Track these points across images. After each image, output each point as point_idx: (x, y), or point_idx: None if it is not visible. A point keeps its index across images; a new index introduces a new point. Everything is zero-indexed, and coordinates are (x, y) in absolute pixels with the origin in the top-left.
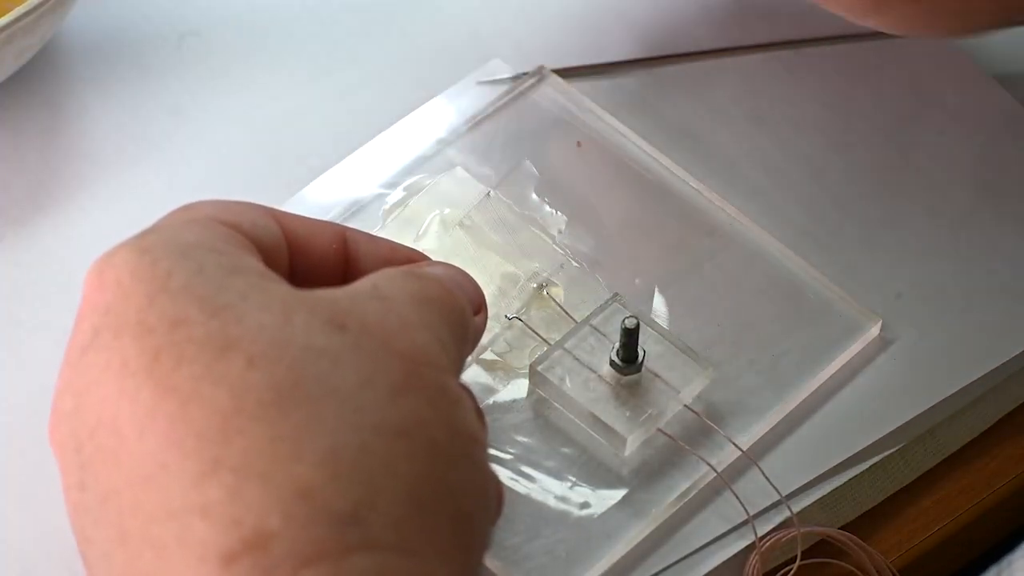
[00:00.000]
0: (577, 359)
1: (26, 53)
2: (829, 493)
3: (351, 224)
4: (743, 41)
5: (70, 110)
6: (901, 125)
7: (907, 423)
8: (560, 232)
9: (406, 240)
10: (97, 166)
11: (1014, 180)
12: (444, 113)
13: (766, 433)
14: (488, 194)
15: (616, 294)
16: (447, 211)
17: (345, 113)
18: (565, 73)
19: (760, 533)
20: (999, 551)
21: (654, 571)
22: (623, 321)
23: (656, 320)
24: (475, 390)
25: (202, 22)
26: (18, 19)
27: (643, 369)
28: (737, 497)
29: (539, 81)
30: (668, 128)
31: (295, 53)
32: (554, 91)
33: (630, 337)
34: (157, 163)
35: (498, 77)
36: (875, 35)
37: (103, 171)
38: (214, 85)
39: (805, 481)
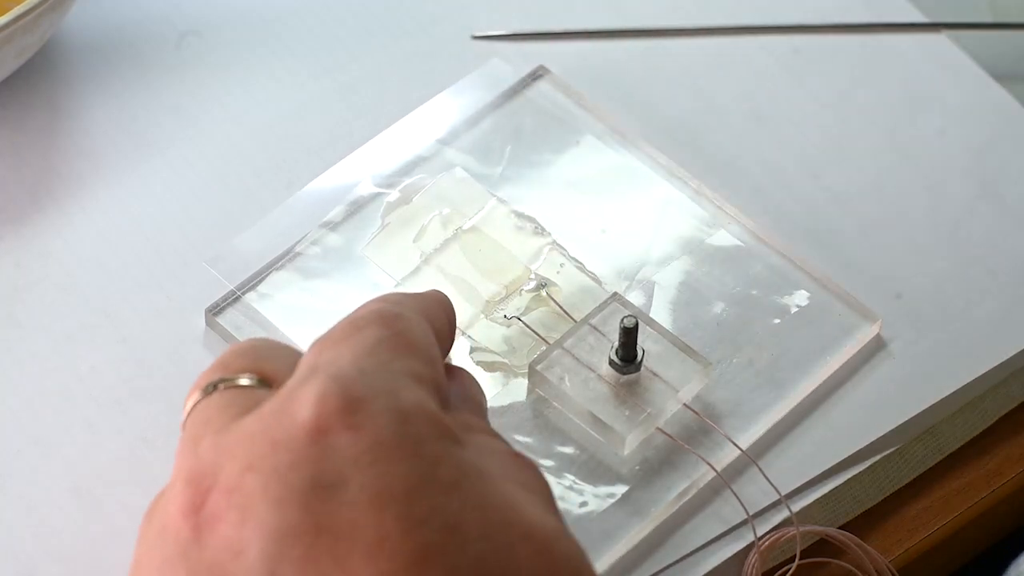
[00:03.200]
0: (576, 358)
1: (26, 52)
2: (829, 492)
3: (350, 223)
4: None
5: (70, 109)
6: (901, 125)
7: (906, 423)
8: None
9: (406, 240)
10: (97, 166)
11: (1013, 180)
12: (443, 112)
13: (765, 432)
14: (492, 199)
15: (615, 293)
16: (447, 211)
17: (345, 112)
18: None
19: (760, 532)
20: (999, 551)
21: (654, 570)
22: (622, 320)
23: (655, 319)
24: None
25: (202, 22)
26: (18, 18)
27: (642, 368)
28: (737, 496)
29: (538, 80)
30: (668, 128)
31: (295, 53)
32: (553, 90)
33: (629, 336)
34: (157, 163)
35: (494, 33)
36: (873, 28)
37: (103, 171)
38: (214, 85)
39: (805, 480)
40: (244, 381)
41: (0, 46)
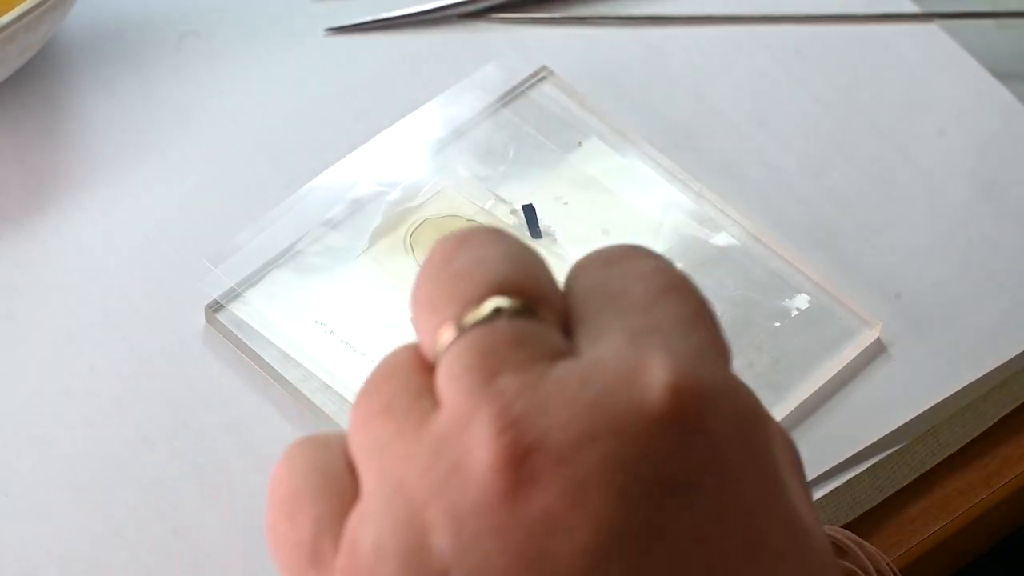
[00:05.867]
0: None
1: (28, 51)
2: (829, 493)
3: (351, 221)
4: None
5: (70, 109)
6: (901, 125)
7: (907, 423)
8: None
9: (402, 247)
10: (97, 166)
11: (1014, 179)
12: (444, 113)
13: None
14: (491, 198)
15: None
16: (443, 215)
17: (346, 113)
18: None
19: None
20: (999, 552)
21: None
22: None
23: None
24: None
25: (202, 22)
26: (22, 16)
27: None
28: None
29: (540, 80)
30: (668, 128)
31: (295, 52)
32: (556, 90)
33: None
34: (157, 163)
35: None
36: (868, 19)
37: (103, 171)
38: (214, 85)
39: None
40: (520, 308)
41: (3, 45)
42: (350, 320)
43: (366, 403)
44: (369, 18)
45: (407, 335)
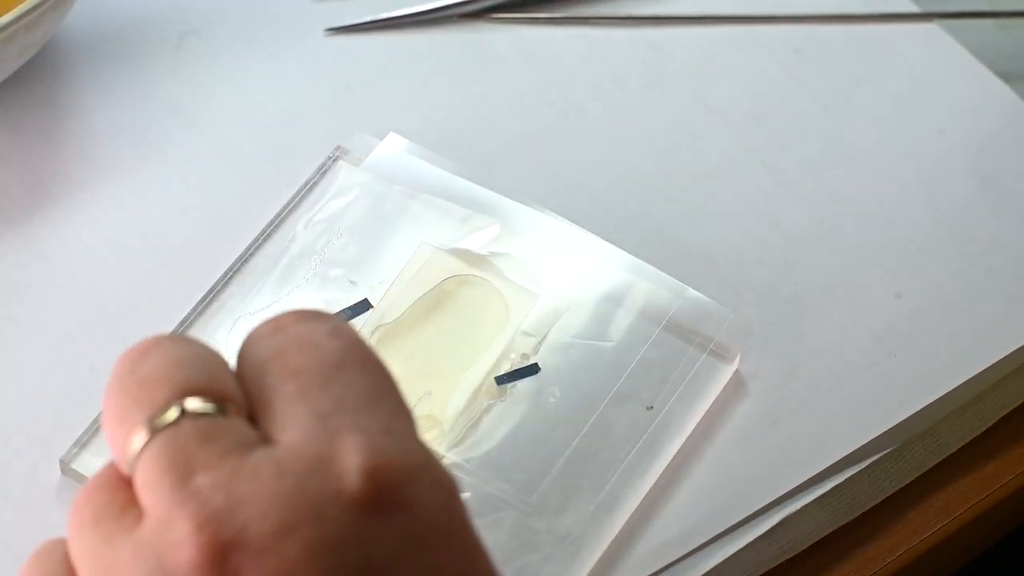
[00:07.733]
0: None
1: (28, 52)
2: (828, 492)
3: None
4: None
5: (70, 109)
6: (901, 124)
7: (905, 421)
8: None
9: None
10: (97, 166)
11: (1015, 178)
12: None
13: (763, 431)
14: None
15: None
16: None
17: (346, 113)
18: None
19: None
20: (999, 552)
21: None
22: None
23: None
24: None
25: (202, 22)
26: (21, 16)
27: None
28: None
29: None
30: (667, 129)
31: (295, 52)
32: None
33: None
34: (157, 163)
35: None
36: (868, 19)
37: (103, 171)
38: (214, 85)
39: (803, 480)
40: (207, 409)
41: (3, 45)
42: None
43: (78, 516)
44: (369, 18)
45: None
